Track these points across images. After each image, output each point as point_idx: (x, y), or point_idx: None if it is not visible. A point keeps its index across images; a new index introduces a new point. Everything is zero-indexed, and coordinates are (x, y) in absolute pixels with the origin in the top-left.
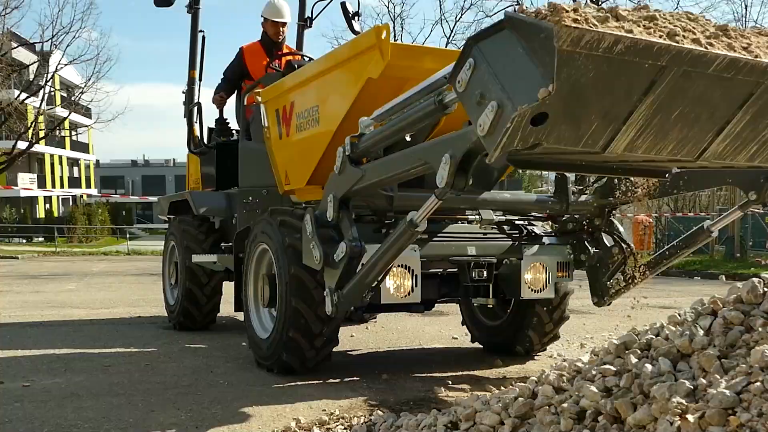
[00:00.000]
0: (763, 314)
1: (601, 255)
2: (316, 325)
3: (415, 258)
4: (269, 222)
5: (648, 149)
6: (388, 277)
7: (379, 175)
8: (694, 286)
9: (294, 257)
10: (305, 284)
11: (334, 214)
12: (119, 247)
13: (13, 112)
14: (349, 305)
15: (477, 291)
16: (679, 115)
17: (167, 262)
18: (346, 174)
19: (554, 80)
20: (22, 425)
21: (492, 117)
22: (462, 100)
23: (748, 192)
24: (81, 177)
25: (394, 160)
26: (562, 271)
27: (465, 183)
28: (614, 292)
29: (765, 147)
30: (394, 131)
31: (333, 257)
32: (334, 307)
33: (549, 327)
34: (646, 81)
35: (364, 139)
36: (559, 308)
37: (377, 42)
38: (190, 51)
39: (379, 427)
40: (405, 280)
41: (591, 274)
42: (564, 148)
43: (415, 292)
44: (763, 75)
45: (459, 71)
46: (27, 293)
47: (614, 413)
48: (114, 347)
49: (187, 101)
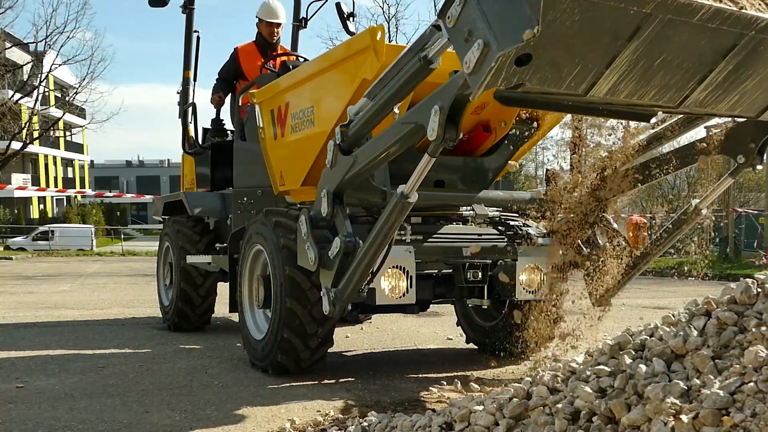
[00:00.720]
0: (756, 315)
1: (596, 255)
2: (311, 326)
3: (410, 259)
4: (264, 223)
5: (630, 94)
6: (383, 278)
7: (371, 155)
8: (687, 286)
9: (288, 258)
10: (300, 285)
11: (329, 209)
12: (113, 247)
13: (6, 112)
14: (347, 300)
15: (472, 292)
16: (662, 62)
17: (162, 262)
18: (338, 165)
19: (540, 22)
20: (16, 426)
21: (478, 55)
22: (450, 36)
23: (736, 156)
24: (75, 177)
25: (383, 135)
26: (557, 272)
27: (456, 134)
28: (610, 288)
29: (746, 97)
30: (383, 104)
31: (327, 255)
32: (332, 305)
33: (544, 328)
34: (631, 27)
35: (354, 124)
36: (553, 309)
37: (372, 43)
38: (184, 51)
39: (373, 428)
40: (400, 281)
41: (586, 274)
42: (547, 89)
43: (409, 293)
44: (747, 26)
45: (449, 7)
46: (21, 294)
47: (608, 414)
48: (108, 348)
49: (181, 101)
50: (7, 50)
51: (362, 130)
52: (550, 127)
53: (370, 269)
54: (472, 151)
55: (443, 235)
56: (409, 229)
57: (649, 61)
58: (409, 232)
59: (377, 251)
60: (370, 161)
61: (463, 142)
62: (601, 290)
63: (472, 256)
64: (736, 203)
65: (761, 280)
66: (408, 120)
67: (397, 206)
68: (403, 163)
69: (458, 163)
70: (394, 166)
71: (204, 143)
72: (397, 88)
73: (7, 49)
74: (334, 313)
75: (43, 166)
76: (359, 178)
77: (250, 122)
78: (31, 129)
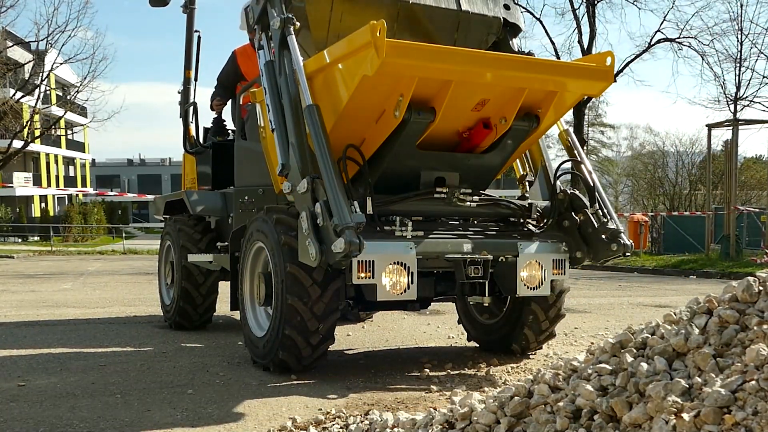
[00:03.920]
0: (758, 313)
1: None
2: (312, 323)
3: (411, 255)
4: (265, 220)
5: None
6: (383, 274)
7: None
8: (689, 285)
9: (289, 255)
10: (301, 282)
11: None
12: (115, 246)
13: (8, 111)
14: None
15: (473, 289)
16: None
17: (163, 261)
18: (300, 187)
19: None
20: (18, 425)
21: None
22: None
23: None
24: (77, 176)
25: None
26: (558, 268)
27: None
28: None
29: None
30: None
31: (330, 248)
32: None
33: (545, 325)
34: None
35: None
36: (554, 306)
37: (372, 39)
38: (185, 51)
39: (375, 426)
40: (401, 278)
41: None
42: None
43: (411, 290)
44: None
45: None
46: (22, 292)
47: (610, 412)
48: (110, 347)
49: (182, 101)
50: (8, 49)
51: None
52: (551, 124)
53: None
54: (473, 148)
55: (444, 231)
56: (410, 225)
57: None
58: (410, 229)
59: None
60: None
61: (464, 139)
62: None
63: (472, 252)
64: (738, 201)
65: (763, 278)
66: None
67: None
68: (404, 160)
69: (460, 160)
70: (395, 162)
71: (205, 142)
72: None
73: (9, 48)
74: (321, 262)
75: (45, 164)
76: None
77: (251, 121)
78: (33, 128)
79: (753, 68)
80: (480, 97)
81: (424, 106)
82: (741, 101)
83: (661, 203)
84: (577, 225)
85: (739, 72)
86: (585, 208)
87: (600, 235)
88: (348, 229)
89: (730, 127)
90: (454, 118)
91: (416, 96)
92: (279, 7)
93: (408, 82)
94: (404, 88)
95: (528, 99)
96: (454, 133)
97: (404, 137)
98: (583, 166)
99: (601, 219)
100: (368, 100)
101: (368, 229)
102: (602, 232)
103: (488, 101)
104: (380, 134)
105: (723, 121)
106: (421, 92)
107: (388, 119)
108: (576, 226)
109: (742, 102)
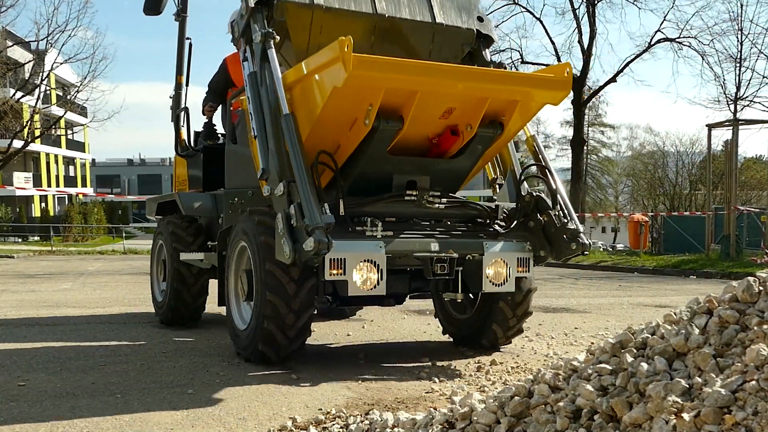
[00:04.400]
0: (758, 313)
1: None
2: (290, 317)
3: (381, 254)
4: (248, 221)
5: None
6: (354, 270)
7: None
8: (689, 285)
9: (268, 253)
10: (279, 279)
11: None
12: (115, 246)
13: (8, 110)
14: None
15: (447, 285)
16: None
17: (155, 260)
18: (278, 190)
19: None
20: (18, 424)
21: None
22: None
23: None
24: (77, 176)
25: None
26: (522, 266)
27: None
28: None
29: None
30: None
31: (302, 246)
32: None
33: (513, 322)
34: None
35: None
36: (522, 304)
37: (341, 54)
38: (177, 57)
39: (375, 426)
40: (371, 274)
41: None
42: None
43: (380, 286)
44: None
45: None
46: (23, 292)
47: (610, 412)
48: (110, 346)
49: (174, 106)
50: (8, 49)
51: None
52: (517, 130)
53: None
54: (443, 153)
55: (414, 232)
56: (380, 225)
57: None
58: (380, 229)
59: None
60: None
61: (433, 145)
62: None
63: (440, 251)
64: (738, 201)
65: (763, 278)
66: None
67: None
68: (376, 164)
69: (430, 164)
70: (368, 167)
71: (196, 146)
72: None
73: (9, 48)
74: (296, 259)
75: (45, 164)
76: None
77: (241, 126)
78: (33, 127)
79: (753, 68)
80: (446, 106)
81: (393, 114)
82: (741, 101)
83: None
84: (541, 225)
85: (739, 72)
86: (549, 209)
87: (561, 235)
88: (318, 229)
89: (730, 127)
90: (422, 126)
91: (384, 105)
92: (261, 22)
93: (376, 93)
94: (372, 98)
95: (491, 107)
96: (424, 139)
97: (375, 143)
98: (546, 170)
99: (561, 220)
100: (340, 109)
101: (341, 230)
102: (563, 232)
103: (454, 110)
104: (353, 141)
105: (723, 121)
106: (388, 102)
107: (360, 127)
108: (540, 226)
109: (742, 102)
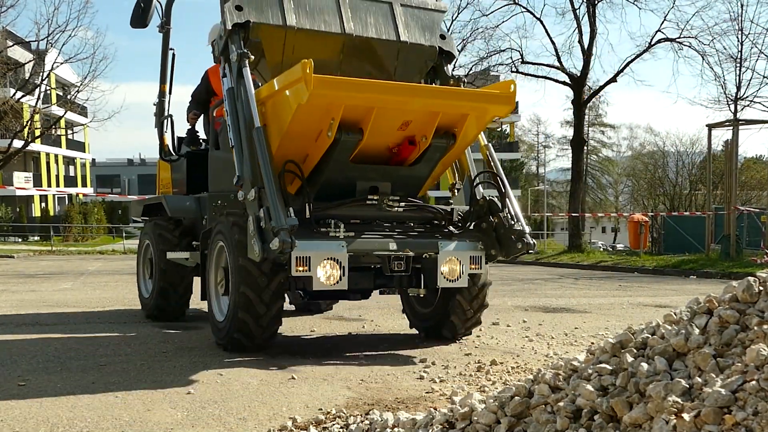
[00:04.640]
0: (758, 313)
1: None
2: (261, 308)
3: (343, 252)
4: (225, 222)
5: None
6: (318, 267)
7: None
8: (689, 285)
9: (242, 251)
10: (251, 273)
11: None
12: (115, 246)
13: (8, 110)
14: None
15: (410, 281)
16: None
17: (142, 259)
18: (250, 195)
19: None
20: (18, 424)
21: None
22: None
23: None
24: (77, 176)
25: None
26: (475, 264)
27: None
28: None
29: None
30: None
31: (269, 245)
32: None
33: (470, 314)
34: None
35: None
36: (477, 298)
37: (303, 75)
38: (161, 67)
39: (375, 426)
40: (334, 271)
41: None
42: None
43: (342, 281)
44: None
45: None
46: (23, 292)
47: (610, 412)
48: (110, 346)
49: (158, 113)
50: (8, 48)
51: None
52: (470, 140)
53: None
54: (402, 161)
55: (374, 233)
56: (343, 227)
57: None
58: (343, 230)
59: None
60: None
61: (393, 154)
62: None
63: (397, 250)
64: (738, 201)
65: (763, 278)
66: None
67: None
68: (340, 172)
69: (392, 171)
70: (333, 174)
71: (179, 151)
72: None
73: (9, 48)
74: (265, 254)
75: (45, 164)
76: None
77: (223, 133)
78: (33, 127)
79: (753, 68)
80: (403, 119)
81: (353, 127)
82: (741, 101)
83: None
84: (492, 227)
85: (739, 72)
86: (500, 212)
87: (510, 235)
88: (283, 231)
89: (731, 127)
90: (382, 136)
91: (345, 119)
92: (238, 42)
93: (336, 109)
94: (334, 113)
95: (443, 120)
96: (384, 149)
97: (338, 153)
98: (497, 177)
99: (509, 221)
100: (306, 122)
101: (307, 231)
102: (511, 233)
103: (411, 122)
104: (319, 151)
105: (723, 121)
106: (349, 116)
107: (324, 138)
108: (492, 227)
109: (742, 102)
